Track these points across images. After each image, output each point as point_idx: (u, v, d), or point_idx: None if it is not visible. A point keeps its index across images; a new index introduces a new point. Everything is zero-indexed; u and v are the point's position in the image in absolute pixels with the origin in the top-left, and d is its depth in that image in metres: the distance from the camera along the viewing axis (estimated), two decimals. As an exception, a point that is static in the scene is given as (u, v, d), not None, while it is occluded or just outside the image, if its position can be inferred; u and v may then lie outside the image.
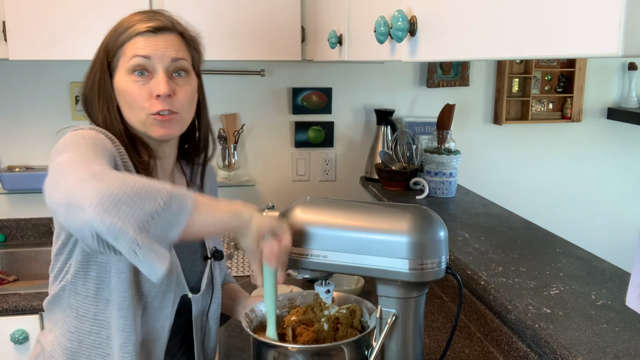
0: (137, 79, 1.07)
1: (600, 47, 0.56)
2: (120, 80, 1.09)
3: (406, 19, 0.99)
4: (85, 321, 1.07)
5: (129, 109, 1.09)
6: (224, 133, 2.41)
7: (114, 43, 1.09)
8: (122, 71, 1.08)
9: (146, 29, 1.07)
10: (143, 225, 0.83)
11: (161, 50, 1.07)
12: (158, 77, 1.07)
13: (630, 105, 2.66)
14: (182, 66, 1.10)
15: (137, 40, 1.07)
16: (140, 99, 1.07)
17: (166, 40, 1.09)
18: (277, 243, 0.98)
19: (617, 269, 1.40)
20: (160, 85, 1.06)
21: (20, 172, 2.30)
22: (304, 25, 2.08)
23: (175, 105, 1.09)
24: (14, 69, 2.31)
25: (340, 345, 1.02)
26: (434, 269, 0.99)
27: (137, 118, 1.09)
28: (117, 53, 1.09)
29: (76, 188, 0.84)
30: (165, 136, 1.10)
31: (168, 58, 1.08)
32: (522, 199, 2.62)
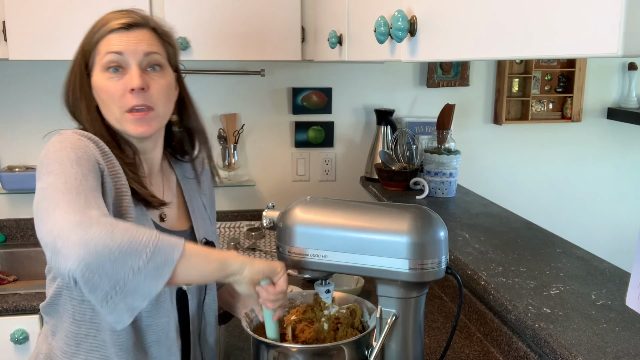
0: (111, 75, 1.08)
1: (600, 47, 0.56)
2: (96, 78, 1.10)
3: (406, 19, 0.99)
4: (82, 325, 1.07)
5: (105, 107, 1.10)
6: (224, 133, 2.41)
7: (89, 43, 1.11)
8: (98, 69, 1.10)
9: (119, 25, 1.08)
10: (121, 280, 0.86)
11: (133, 45, 1.08)
12: (131, 71, 1.08)
13: (630, 105, 2.66)
14: (155, 60, 1.11)
15: (111, 37, 1.08)
16: (115, 95, 1.08)
17: (138, 35, 1.09)
18: (272, 288, 1.00)
19: (617, 269, 1.40)
20: (134, 79, 1.07)
21: (20, 172, 2.30)
22: (304, 25, 2.08)
23: (150, 99, 1.09)
24: (14, 69, 2.31)
25: (340, 345, 1.02)
26: (434, 269, 0.99)
27: (113, 116, 1.10)
28: (93, 52, 1.10)
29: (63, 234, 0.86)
30: (142, 133, 1.10)
31: (141, 53, 1.08)
32: (522, 199, 2.62)
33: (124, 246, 0.86)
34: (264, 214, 1.11)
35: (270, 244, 2.24)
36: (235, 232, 2.36)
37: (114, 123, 1.11)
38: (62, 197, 0.91)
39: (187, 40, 1.99)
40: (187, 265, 0.91)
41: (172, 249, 0.90)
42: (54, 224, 0.88)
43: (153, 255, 0.87)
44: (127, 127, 1.10)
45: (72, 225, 0.87)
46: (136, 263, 0.86)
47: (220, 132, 2.42)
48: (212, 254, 0.97)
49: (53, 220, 0.89)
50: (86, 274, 0.84)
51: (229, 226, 2.39)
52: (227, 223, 2.41)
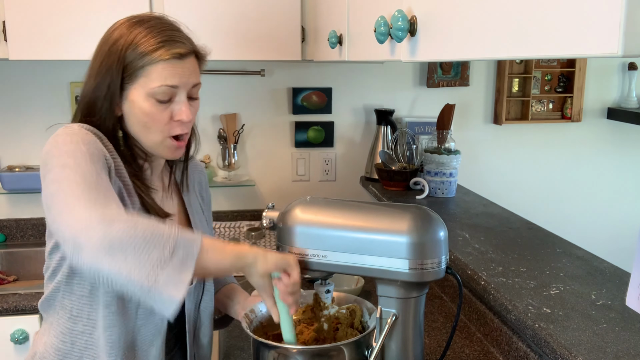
0: (158, 104, 1.07)
1: (600, 47, 0.56)
2: (139, 99, 1.07)
3: (406, 19, 0.99)
4: (78, 321, 1.07)
5: (145, 129, 1.10)
6: (224, 133, 2.41)
7: (135, 62, 1.06)
8: (142, 92, 1.07)
9: (172, 55, 1.06)
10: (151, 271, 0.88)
11: (186, 77, 1.09)
12: (181, 103, 1.09)
13: (630, 105, 2.66)
14: (198, 90, 1.13)
15: (164, 67, 1.06)
16: (161, 122, 1.09)
17: (189, 67, 1.09)
18: (287, 279, 1.00)
19: (617, 269, 1.40)
20: (184, 112, 1.09)
21: (20, 172, 2.30)
22: (304, 25, 2.08)
23: (190, 126, 1.14)
24: (14, 69, 2.31)
25: (340, 346, 1.02)
26: (434, 269, 0.99)
27: (152, 139, 1.10)
28: (138, 72, 1.06)
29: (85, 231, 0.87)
30: (177, 157, 1.15)
31: (190, 85, 1.10)
32: (522, 199, 2.62)
33: (147, 238, 0.88)
34: (264, 214, 1.11)
35: (271, 244, 2.24)
36: (235, 232, 2.36)
37: (151, 145, 1.11)
38: (81, 192, 0.92)
39: (187, 40, 1.99)
40: (205, 258, 0.93)
41: (192, 242, 0.92)
42: (76, 219, 0.89)
43: (175, 248, 0.89)
44: (163, 151, 1.12)
45: (95, 222, 0.88)
46: (162, 254, 0.88)
47: (220, 132, 2.42)
48: (227, 247, 0.99)
49: (74, 215, 0.89)
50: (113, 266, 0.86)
51: (229, 226, 2.39)
52: (227, 223, 2.41)
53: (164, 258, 0.88)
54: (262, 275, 1.00)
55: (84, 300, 1.06)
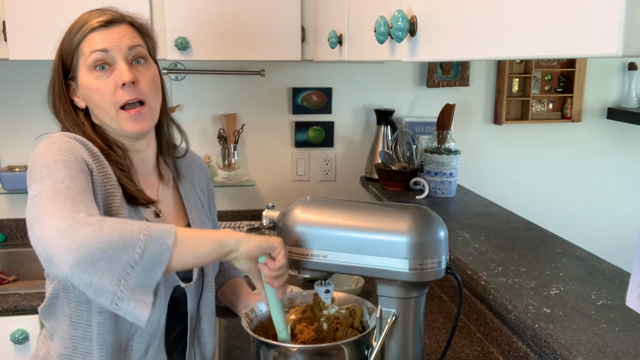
0: (99, 74, 1.08)
1: (600, 47, 0.56)
2: (84, 79, 1.10)
3: (406, 19, 0.99)
4: (78, 327, 1.07)
5: (97, 107, 1.10)
6: (224, 133, 2.41)
7: (69, 44, 1.11)
8: (84, 70, 1.09)
9: (98, 23, 1.09)
10: (122, 277, 0.86)
11: (117, 40, 1.09)
12: (119, 66, 1.08)
13: (630, 105, 2.66)
14: (140, 53, 1.11)
15: (92, 36, 1.09)
16: (107, 93, 1.08)
17: (119, 31, 1.10)
18: (272, 263, 0.99)
19: (617, 269, 1.40)
20: (124, 74, 1.07)
21: (20, 172, 2.30)
22: (304, 25, 2.08)
23: (141, 92, 1.09)
24: (14, 69, 2.31)
25: (340, 345, 1.02)
26: (434, 269, 0.99)
27: (107, 115, 1.10)
28: (75, 53, 1.10)
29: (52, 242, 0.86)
30: (140, 130, 1.10)
31: (125, 47, 1.09)
32: (522, 199, 2.62)
33: (115, 242, 0.86)
34: (264, 213, 1.11)
35: (270, 244, 2.24)
36: (235, 232, 2.36)
37: (110, 122, 1.10)
38: (49, 203, 0.91)
39: (187, 40, 1.99)
40: (182, 250, 0.91)
41: (165, 236, 0.90)
42: (43, 232, 0.88)
43: (147, 246, 0.87)
44: (124, 125, 1.09)
45: (61, 232, 0.86)
46: (132, 257, 0.86)
47: (220, 132, 2.42)
48: (206, 234, 0.96)
49: (42, 228, 0.89)
50: (84, 278, 0.85)
51: (229, 226, 2.39)
52: (227, 223, 2.41)
53: (135, 258, 0.86)
54: (246, 260, 0.98)
55: (82, 306, 1.06)
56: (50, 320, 1.12)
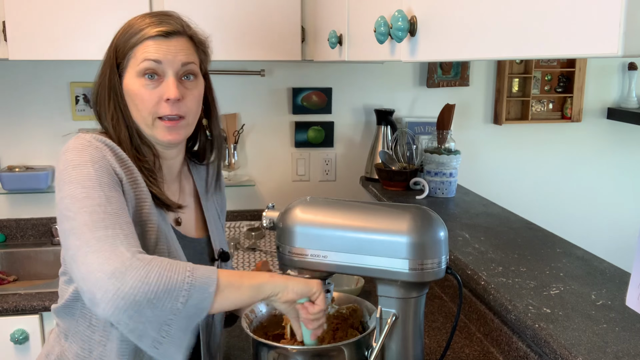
0: (146, 82, 1.08)
1: (600, 47, 0.56)
2: (130, 82, 1.09)
3: (406, 19, 0.99)
4: (96, 331, 1.07)
5: (137, 111, 1.10)
6: (224, 133, 2.41)
7: (124, 45, 1.10)
8: (132, 73, 1.09)
9: (157, 32, 1.07)
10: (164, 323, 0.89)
11: (172, 54, 1.08)
12: (168, 81, 1.08)
13: (630, 105, 2.66)
14: (191, 70, 1.11)
15: (148, 44, 1.07)
16: (150, 102, 1.08)
17: (177, 45, 1.09)
18: (311, 307, 1.01)
19: (617, 269, 1.40)
20: (170, 90, 1.07)
21: (20, 172, 2.30)
22: (304, 25, 2.08)
23: (183, 109, 1.09)
24: (14, 69, 2.31)
25: (340, 346, 1.02)
26: (434, 269, 0.99)
27: (144, 120, 1.10)
28: (127, 55, 1.09)
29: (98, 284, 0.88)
30: (171, 141, 1.11)
31: (179, 63, 1.08)
32: (522, 199, 2.62)
33: (160, 290, 0.88)
34: (264, 214, 1.11)
35: (270, 244, 2.24)
36: (235, 232, 2.36)
37: (144, 127, 1.11)
38: (91, 235, 0.92)
39: (187, 40, 1.99)
40: (221, 297, 0.94)
41: (207, 284, 0.92)
42: (88, 271, 0.89)
43: (190, 295, 0.90)
44: (157, 134, 1.10)
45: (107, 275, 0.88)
46: (175, 305, 0.89)
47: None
48: (244, 281, 0.98)
49: (86, 266, 0.90)
50: (130, 324, 0.88)
51: (229, 226, 2.39)
52: (227, 223, 2.41)
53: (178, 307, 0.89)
54: (284, 304, 1.00)
55: None
56: (65, 320, 1.12)
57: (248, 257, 2.08)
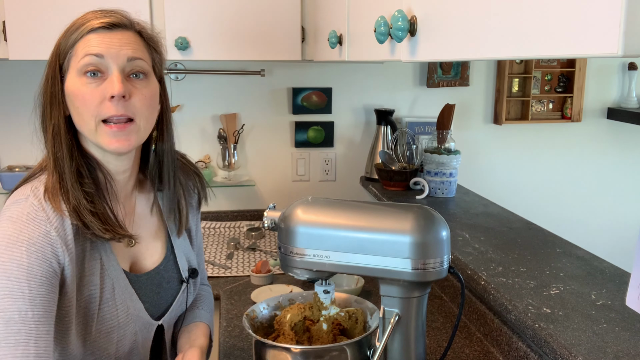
0: (88, 80, 0.96)
1: (600, 47, 0.56)
2: (71, 83, 0.97)
3: (406, 19, 0.99)
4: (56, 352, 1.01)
5: (79, 116, 0.97)
6: (224, 133, 2.41)
7: (65, 43, 0.99)
8: (73, 73, 0.97)
9: (100, 24, 0.97)
10: None
11: (116, 47, 0.97)
12: (112, 77, 0.96)
13: (630, 105, 2.66)
14: (140, 67, 0.99)
15: (90, 37, 0.97)
16: (92, 103, 0.95)
17: (122, 38, 0.98)
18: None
19: (617, 269, 1.40)
20: (115, 85, 0.95)
21: (20, 172, 2.30)
22: (304, 25, 2.08)
23: (131, 109, 0.97)
24: (14, 69, 2.31)
25: (342, 346, 1.02)
26: (436, 268, 0.99)
27: (86, 127, 0.97)
28: (69, 53, 0.98)
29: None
30: (118, 149, 0.97)
31: (124, 57, 0.97)
32: (522, 199, 2.62)
33: None
34: (265, 214, 1.11)
35: (271, 244, 2.24)
36: (235, 232, 2.36)
37: (88, 135, 0.98)
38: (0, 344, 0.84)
39: (187, 40, 1.99)
40: None
41: None
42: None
43: None
44: (102, 141, 0.97)
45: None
46: None
47: (220, 132, 2.42)
48: None
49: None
50: None
51: (229, 226, 2.39)
52: (227, 223, 2.41)
53: None
54: None
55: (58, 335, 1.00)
56: None
57: (248, 257, 2.08)
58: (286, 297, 1.19)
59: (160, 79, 1.07)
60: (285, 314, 1.12)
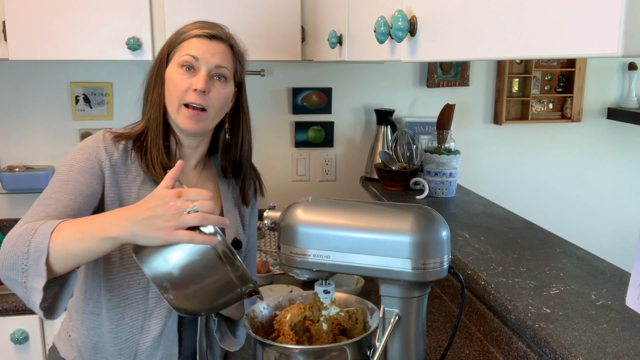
0: (183, 72, 1.21)
1: (600, 47, 0.56)
2: (170, 70, 1.23)
3: (406, 19, 0.99)
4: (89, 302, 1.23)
5: (169, 96, 1.23)
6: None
7: (175, 39, 1.26)
8: (174, 63, 1.23)
9: (202, 33, 1.23)
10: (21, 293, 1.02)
11: (209, 54, 1.22)
12: (200, 75, 1.21)
13: (630, 105, 2.66)
14: (222, 73, 1.24)
15: (193, 41, 1.23)
16: (180, 88, 1.20)
17: (216, 48, 1.23)
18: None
19: (617, 269, 1.40)
20: (200, 81, 1.19)
21: (20, 172, 2.30)
22: (304, 25, 2.08)
23: (207, 102, 1.21)
24: (14, 69, 2.31)
25: (342, 346, 1.02)
26: (436, 268, 0.99)
27: (172, 105, 1.22)
28: (175, 48, 1.24)
29: None
30: (190, 129, 1.22)
31: (213, 63, 1.22)
32: (522, 199, 2.62)
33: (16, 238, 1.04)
34: (265, 214, 1.11)
35: (271, 243, 2.24)
36: (235, 232, 2.36)
37: (171, 112, 1.23)
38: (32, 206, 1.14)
39: (187, 41, 1.99)
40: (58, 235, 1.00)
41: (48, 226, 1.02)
42: None
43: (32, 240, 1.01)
44: (179, 120, 1.21)
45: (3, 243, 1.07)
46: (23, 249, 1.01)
47: (220, 132, 2.42)
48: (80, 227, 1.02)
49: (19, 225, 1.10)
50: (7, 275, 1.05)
51: (229, 226, 2.39)
52: (227, 223, 2.40)
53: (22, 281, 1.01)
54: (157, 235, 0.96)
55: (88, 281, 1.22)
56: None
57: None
58: (286, 297, 1.19)
59: (239, 84, 1.32)
60: (285, 314, 1.12)
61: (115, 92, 2.38)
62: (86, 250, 0.99)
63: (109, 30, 1.95)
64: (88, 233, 0.99)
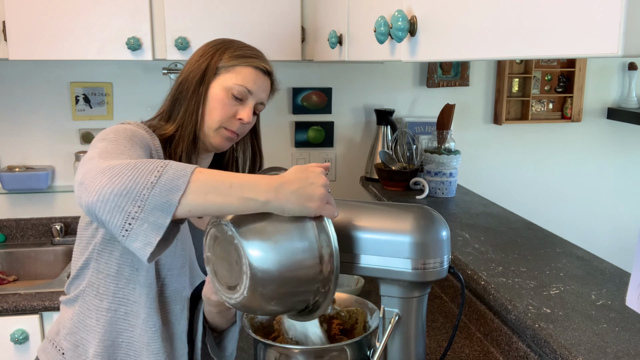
0: (232, 98, 1.22)
1: (600, 47, 0.56)
2: (218, 89, 1.22)
3: (406, 19, 0.99)
4: (104, 299, 1.14)
5: (210, 114, 1.22)
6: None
7: (229, 57, 1.23)
8: (223, 84, 1.22)
9: (262, 67, 1.25)
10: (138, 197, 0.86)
11: (261, 91, 1.25)
12: (248, 106, 1.23)
13: (630, 105, 2.66)
14: (261, 109, 1.28)
15: (251, 71, 1.23)
16: (226, 114, 1.21)
17: (267, 85, 1.27)
18: None
19: (617, 269, 1.40)
20: (247, 114, 1.22)
21: (20, 172, 2.30)
22: (304, 25, 2.08)
23: (243, 131, 1.26)
24: (14, 69, 2.31)
25: (342, 346, 1.02)
26: (436, 268, 0.99)
27: (211, 122, 1.22)
28: (229, 66, 1.23)
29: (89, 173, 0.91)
30: (222, 148, 1.25)
31: (260, 99, 1.26)
32: (522, 199, 2.62)
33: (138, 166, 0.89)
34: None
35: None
36: (235, 232, 2.36)
37: (207, 129, 1.22)
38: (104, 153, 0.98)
39: (187, 40, 1.99)
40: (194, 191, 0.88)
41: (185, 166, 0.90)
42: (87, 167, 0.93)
43: (165, 171, 0.88)
44: (215, 139, 1.22)
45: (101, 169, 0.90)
46: (149, 179, 0.87)
47: (220, 132, 2.42)
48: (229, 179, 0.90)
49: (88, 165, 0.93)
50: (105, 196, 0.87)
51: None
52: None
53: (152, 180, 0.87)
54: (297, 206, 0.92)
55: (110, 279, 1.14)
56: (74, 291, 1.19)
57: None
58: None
59: None
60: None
61: (115, 92, 2.38)
62: (225, 205, 0.88)
63: (109, 30, 1.95)
64: (236, 187, 0.89)
